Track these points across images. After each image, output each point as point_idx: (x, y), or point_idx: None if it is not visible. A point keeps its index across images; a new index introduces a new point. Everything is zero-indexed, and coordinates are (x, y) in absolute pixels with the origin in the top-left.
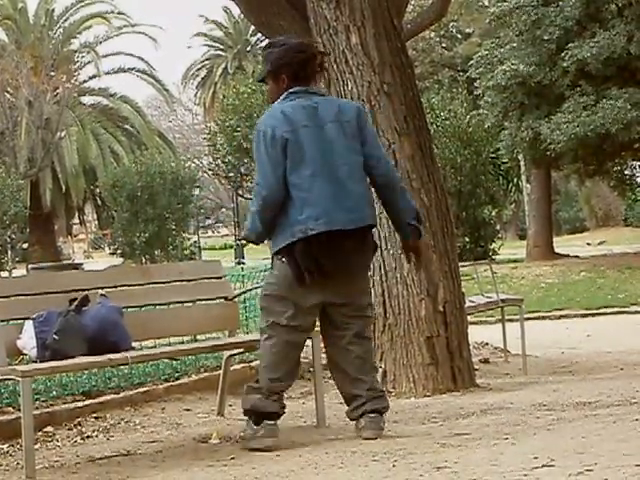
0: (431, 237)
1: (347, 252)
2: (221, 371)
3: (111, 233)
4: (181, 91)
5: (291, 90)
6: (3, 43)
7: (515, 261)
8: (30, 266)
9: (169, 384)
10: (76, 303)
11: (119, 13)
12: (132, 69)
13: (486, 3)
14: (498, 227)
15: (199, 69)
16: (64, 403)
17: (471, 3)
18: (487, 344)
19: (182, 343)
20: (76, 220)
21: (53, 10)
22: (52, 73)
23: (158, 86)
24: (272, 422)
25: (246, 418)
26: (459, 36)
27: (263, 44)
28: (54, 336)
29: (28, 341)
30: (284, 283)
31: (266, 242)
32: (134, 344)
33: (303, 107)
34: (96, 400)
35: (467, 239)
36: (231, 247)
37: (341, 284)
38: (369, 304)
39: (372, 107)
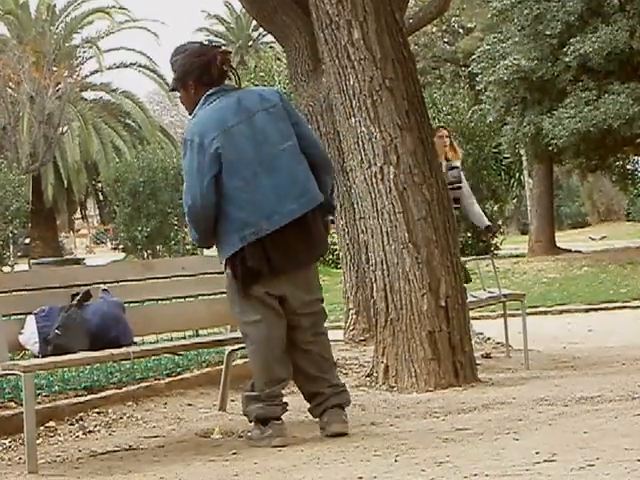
0: (433, 232)
1: (299, 242)
2: (223, 366)
3: (113, 228)
4: None
5: (209, 92)
6: (5, 38)
7: (517, 256)
8: (32, 261)
9: (171, 379)
10: (78, 298)
11: (121, 8)
12: (134, 64)
13: None
14: (500, 222)
15: None
16: (66, 398)
17: None
18: (489, 339)
19: (184, 338)
20: (78, 215)
21: (55, 5)
22: (54, 68)
23: (160, 81)
24: (279, 421)
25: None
26: (461, 31)
27: (265, 39)
28: (56, 331)
29: (30, 336)
30: (237, 284)
31: None
32: (136, 339)
33: (227, 105)
34: (98, 395)
35: (469, 234)
36: None
37: (288, 278)
38: (318, 299)
39: (374, 102)
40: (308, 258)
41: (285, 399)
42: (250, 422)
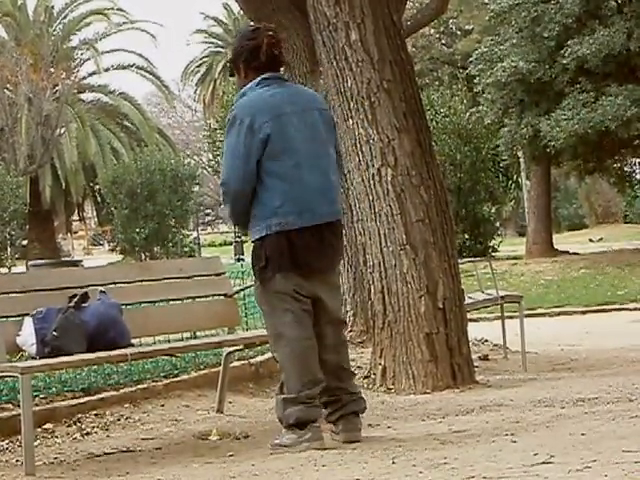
0: (430, 234)
1: (327, 245)
2: (221, 368)
3: (110, 230)
4: (181, 88)
5: (264, 76)
6: (2, 40)
7: (514, 258)
8: (29, 263)
9: (168, 381)
10: (75, 300)
11: (118, 10)
12: (131, 66)
13: (486, 0)
14: (498, 224)
15: (199, 66)
16: (63, 400)
17: (471, 0)
18: (486, 341)
19: (182, 340)
20: (76, 217)
21: (52, 7)
22: (51, 70)
23: (158, 83)
24: (317, 424)
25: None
26: (459, 33)
27: None
28: (53, 333)
29: (27, 338)
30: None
31: None
32: (133, 341)
33: (282, 93)
34: (95, 397)
35: (467, 236)
36: (231, 244)
37: (318, 281)
38: (341, 305)
39: (372, 104)
40: (333, 263)
41: None
42: (286, 427)
